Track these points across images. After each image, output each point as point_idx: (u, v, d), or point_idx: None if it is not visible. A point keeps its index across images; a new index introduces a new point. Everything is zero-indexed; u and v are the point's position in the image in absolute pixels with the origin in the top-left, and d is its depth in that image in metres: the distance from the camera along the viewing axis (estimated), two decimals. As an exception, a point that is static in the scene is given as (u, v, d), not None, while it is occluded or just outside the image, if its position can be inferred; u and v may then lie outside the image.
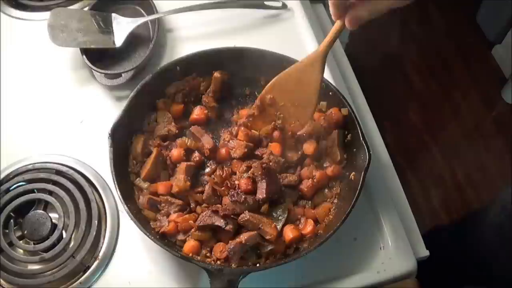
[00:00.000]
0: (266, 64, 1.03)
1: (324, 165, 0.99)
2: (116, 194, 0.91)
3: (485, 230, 1.40)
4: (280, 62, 1.02)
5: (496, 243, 1.34)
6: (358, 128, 0.95)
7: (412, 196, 2.13)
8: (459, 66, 2.54)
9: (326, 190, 0.98)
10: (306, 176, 0.97)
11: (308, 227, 0.92)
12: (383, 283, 0.95)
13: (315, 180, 0.96)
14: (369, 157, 0.91)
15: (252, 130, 1.00)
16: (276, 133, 0.98)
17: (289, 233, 0.90)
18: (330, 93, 1.01)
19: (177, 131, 1.01)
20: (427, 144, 2.35)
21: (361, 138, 0.94)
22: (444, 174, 2.27)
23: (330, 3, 0.81)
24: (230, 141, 0.99)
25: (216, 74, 1.05)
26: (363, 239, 0.98)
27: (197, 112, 1.04)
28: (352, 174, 0.95)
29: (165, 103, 1.04)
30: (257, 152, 0.98)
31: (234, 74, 1.06)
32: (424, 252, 1.03)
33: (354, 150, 0.96)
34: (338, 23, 0.84)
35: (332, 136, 0.99)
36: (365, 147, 0.92)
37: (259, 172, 0.91)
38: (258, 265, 0.89)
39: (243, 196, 0.90)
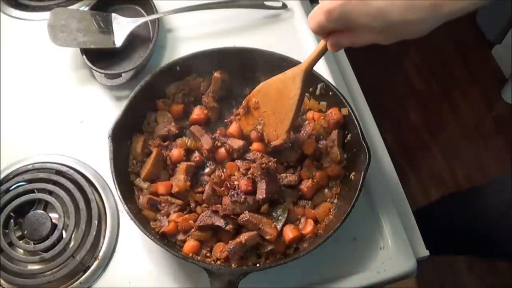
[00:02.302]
0: (266, 64, 1.03)
1: (324, 165, 0.99)
2: (116, 194, 0.91)
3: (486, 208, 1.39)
4: (279, 62, 1.02)
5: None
6: (358, 128, 0.95)
7: (412, 196, 2.14)
8: (459, 66, 2.54)
9: (326, 190, 0.98)
10: (306, 176, 0.97)
11: (308, 227, 0.92)
12: (383, 283, 0.95)
13: (315, 180, 0.96)
14: (369, 157, 0.91)
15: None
16: (254, 134, 0.98)
17: (289, 233, 0.90)
18: (330, 93, 1.01)
19: (177, 131, 1.01)
20: (427, 144, 2.35)
21: (361, 138, 0.94)
22: (444, 174, 2.27)
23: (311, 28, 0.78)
24: (222, 137, 0.99)
25: (216, 74, 1.04)
26: (363, 239, 0.98)
27: (197, 112, 1.04)
28: (352, 174, 0.95)
29: (165, 103, 1.04)
30: (248, 156, 0.98)
31: (234, 74, 1.06)
32: (424, 252, 1.03)
33: (354, 150, 0.96)
34: (322, 43, 0.82)
35: (332, 136, 0.99)
36: (365, 147, 0.92)
37: (259, 173, 0.91)
38: (258, 265, 0.89)
39: (243, 196, 0.90)
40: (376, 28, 0.69)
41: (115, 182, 0.91)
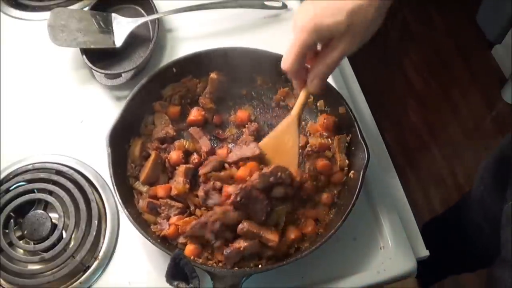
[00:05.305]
0: (263, 64, 1.03)
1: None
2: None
3: (470, 209, 1.41)
4: (277, 62, 1.01)
5: (479, 217, 1.36)
6: (356, 127, 0.95)
7: (412, 196, 2.14)
8: (459, 66, 2.54)
9: (326, 190, 0.98)
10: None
11: (308, 227, 0.92)
12: (383, 283, 0.95)
13: (314, 182, 0.96)
14: (368, 155, 0.91)
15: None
16: None
17: (290, 233, 0.90)
18: (327, 92, 1.01)
19: (174, 133, 1.00)
20: (427, 144, 2.35)
21: (359, 137, 0.94)
22: (444, 174, 2.27)
23: (294, 84, 0.87)
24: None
25: (213, 75, 1.04)
26: (363, 239, 0.98)
27: (194, 114, 1.03)
28: (351, 173, 0.95)
29: (162, 105, 1.03)
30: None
31: (231, 75, 1.06)
32: (424, 252, 1.03)
33: (353, 148, 0.97)
34: (303, 93, 0.87)
35: (333, 144, 0.99)
36: (364, 145, 0.92)
37: (238, 199, 0.86)
38: (260, 266, 0.88)
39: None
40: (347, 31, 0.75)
41: (115, 187, 0.90)
